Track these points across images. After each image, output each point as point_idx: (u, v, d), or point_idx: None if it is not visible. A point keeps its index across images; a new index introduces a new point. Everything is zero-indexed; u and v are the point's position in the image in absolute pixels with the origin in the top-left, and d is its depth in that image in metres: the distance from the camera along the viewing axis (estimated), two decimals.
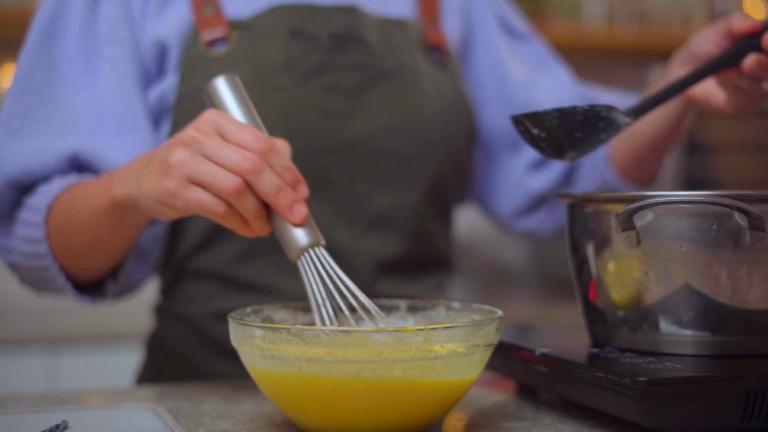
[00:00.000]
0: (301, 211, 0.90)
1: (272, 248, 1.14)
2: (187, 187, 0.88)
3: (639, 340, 0.89)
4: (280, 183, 0.88)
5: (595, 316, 0.94)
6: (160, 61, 1.17)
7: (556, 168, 1.33)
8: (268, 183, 0.88)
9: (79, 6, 1.15)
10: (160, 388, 1.10)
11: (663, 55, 1.60)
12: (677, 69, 1.18)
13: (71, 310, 2.44)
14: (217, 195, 0.88)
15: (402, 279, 1.21)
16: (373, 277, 1.18)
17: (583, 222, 0.93)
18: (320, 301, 0.89)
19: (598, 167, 1.32)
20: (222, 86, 0.94)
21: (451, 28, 1.30)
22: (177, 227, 1.18)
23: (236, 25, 1.16)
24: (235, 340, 0.85)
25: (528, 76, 1.36)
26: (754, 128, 2.96)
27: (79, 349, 2.34)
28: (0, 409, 0.96)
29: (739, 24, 1.05)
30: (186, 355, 1.20)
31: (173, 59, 1.15)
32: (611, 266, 0.90)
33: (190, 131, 0.89)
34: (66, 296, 1.15)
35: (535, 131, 0.94)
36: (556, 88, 1.35)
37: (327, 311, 0.89)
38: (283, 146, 0.92)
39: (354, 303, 0.90)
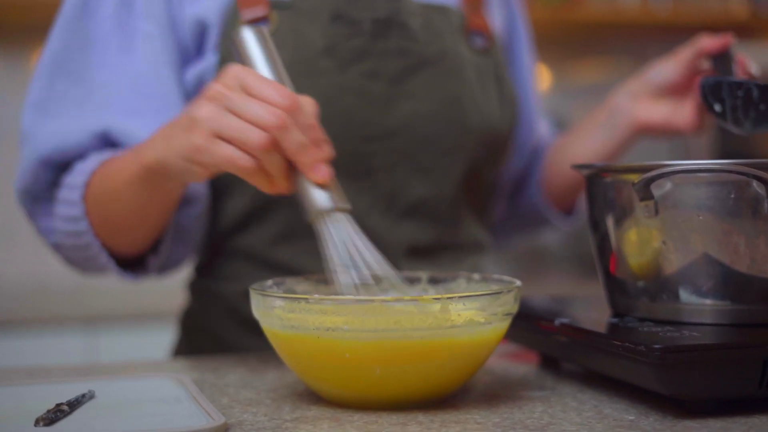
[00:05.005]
0: (324, 170, 0.89)
1: (308, 233, 1.14)
2: (214, 141, 0.88)
3: (658, 309, 0.89)
4: (304, 140, 0.87)
5: (615, 286, 0.94)
6: (199, 39, 1.15)
7: (504, 198, 1.39)
8: (293, 140, 0.87)
9: None
10: (188, 360, 1.11)
11: (698, 30, 1.59)
12: (625, 99, 1.23)
13: (109, 289, 2.48)
14: (244, 150, 0.87)
15: (435, 264, 1.19)
16: (407, 262, 1.17)
17: (602, 192, 0.93)
18: (336, 267, 0.88)
19: (532, 197, 1.39)
20: (249, 38, 0.92)
21: (495, 19, 1.29)
22: (217, 206, 1.18)
23: (277, 5, 1.14)
24: (256, 312, 0.87)
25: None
26: None
27: (116, 328, 2.38)
28: (30, 380, 0.99)
29: (708, 43, 1.14)
30: (217, 331, 1.21)
31: (213, 38, 1.14)
32: (630, 236, 0.90)
33: (215, 86, 0.89)
34: (110, 275, 1.15)
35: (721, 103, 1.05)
36: (546, 130, 1.41)
37: (341, 278, 0.88)
38: (308, 104, 0.90)
39: (367, 273, 0.88)
